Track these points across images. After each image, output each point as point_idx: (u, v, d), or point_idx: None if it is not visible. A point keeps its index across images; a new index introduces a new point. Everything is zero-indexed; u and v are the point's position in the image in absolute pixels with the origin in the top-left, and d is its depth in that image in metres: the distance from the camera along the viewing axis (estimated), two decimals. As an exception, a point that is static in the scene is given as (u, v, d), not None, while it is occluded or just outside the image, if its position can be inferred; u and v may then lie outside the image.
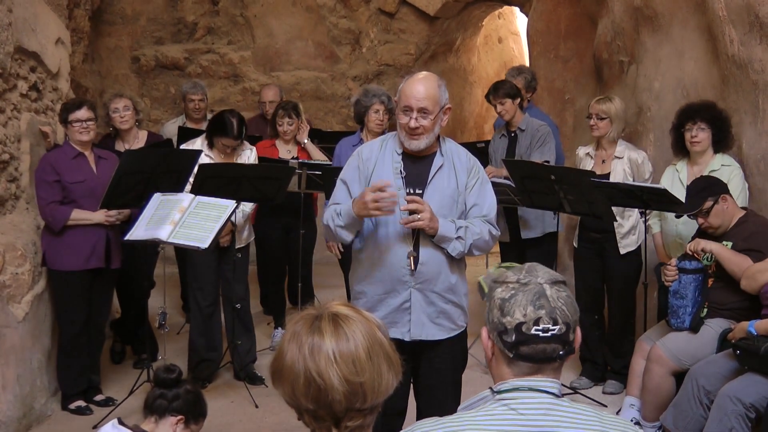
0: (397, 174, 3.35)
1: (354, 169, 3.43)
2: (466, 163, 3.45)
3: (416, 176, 3.36)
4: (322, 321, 1.60)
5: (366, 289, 3.41)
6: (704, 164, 4.62)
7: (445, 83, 3.39)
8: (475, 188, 3.42)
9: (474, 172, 3.44)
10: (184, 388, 3.11)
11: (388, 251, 3.32)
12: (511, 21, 11.24)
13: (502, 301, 1.67)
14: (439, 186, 3.36)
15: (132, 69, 9.01)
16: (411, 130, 3.28)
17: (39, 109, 5.21)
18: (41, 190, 4.74)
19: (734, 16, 4.53)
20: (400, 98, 3.32)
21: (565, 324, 1.65)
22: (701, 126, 4.56)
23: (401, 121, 3.31)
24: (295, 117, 5.85)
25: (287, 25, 8.95)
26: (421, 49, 9.02)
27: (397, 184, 3.32)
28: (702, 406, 3.85)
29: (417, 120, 3.25)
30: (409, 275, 3.31)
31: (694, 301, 4.17)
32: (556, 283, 1.69)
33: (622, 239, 5.00)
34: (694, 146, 4.60)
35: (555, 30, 7.11)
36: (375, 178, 3.33)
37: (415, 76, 3.37)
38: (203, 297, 5.19)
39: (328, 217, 3.39)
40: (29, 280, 4.69)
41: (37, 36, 5.15)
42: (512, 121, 5.52)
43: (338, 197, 3.43)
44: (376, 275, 3.36)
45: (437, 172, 3.37)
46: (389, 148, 3.41)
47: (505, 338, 1.66)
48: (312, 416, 1.60)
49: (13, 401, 4.47)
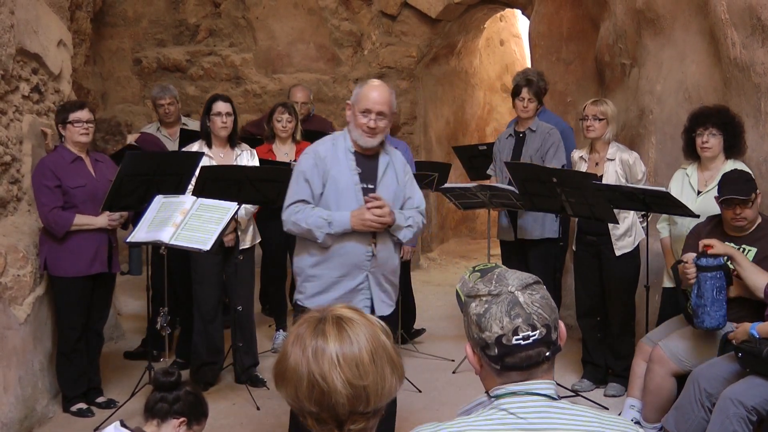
0: (354, 171, 3.76)
1: (313, 166, 3.75)
2: (402, 162, 3.94)
3: (367, 173, 3.79)
4: (325, 324, 1.60)
5: (322, 272, 3.76)
6: (715, 170, 4.52)
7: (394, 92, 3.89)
8: (409, 183, 3.93)
9: (406, 168, 3.95)
10: (184, 390, 3.10)
11: (351, 240, 3.71)
12: (512, 24, 11.25)
13: (478, 317, 1.66)
14: (387, 182, 3.83)
15: (134, 71, 9.02)
16: (370, 130, 3.70)
17: (41, 111, 5.21)
18: (42, 195, 4.68)
19: (736, 19, 4.53)
20: (360, 101, 3.73)
21: (544, 326, 1.63)
22: (712, 132, 4.47)
23: (360, 121, 3.71)
24: (293, 115, 5.87)
25: (289, 28, 8.95)
26: (423, 52, 9.02)
27: (354, 180, 3.74)
28: (704, 409, 3.85)
29: (375, 121, 3.70)
30: (369, 261, 3.73)
31: (712, 300, 3.97)
32: (528, 286, 1.67)
33: (617, 241, 5.00)
34: (705, 152, 4.52)
35: (557, 33, 7.11)
36: (333, 175, 3.72)
37: (372, 82, 3.84)
38: (206, 300, 5.19)
39: (308, 221, 3.69)
40: (31, 282, 4.69)
41: (39, 38, 5.16)
42: (524, 121, 5.54)
43: (301, 193, 3.75)
44: (336, 260, 3.73)
45: (386, 170, 3.83)
46: (341, 147, 3.79)
47: (488, 353, 1.65)
48: (315, 419, 1.59)
49: (15, 403, 4.47)
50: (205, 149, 5.20)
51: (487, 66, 10.79)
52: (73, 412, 4.83)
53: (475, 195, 5.41)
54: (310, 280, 3.79)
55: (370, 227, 3.67)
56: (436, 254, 9.50)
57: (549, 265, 5.41)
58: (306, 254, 3.82)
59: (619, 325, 5.11)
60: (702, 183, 4.59)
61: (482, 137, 10.21)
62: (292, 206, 3.76)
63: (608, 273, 5.06)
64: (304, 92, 6.81)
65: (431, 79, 9.41)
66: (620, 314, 5.09)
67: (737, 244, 4.12)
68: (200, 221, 4.49)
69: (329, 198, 3.72)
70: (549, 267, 5.38)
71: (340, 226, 3.66)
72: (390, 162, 3.85)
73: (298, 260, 3.87)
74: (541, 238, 5.48)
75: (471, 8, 8.84)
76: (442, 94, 9.70)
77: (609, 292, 5.10)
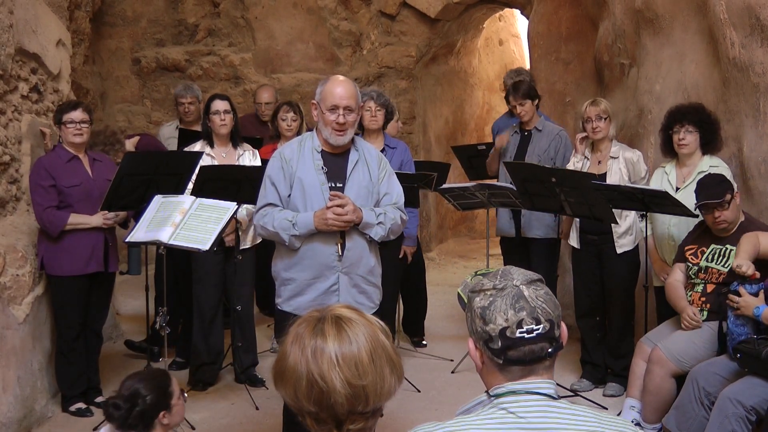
0: (319, 170, 3.71)
1: (278, 169, 3.74)
2: (376, 158, 3.86)
3: (336, 171, 3.74)
4: (325, 324, 1.60)
5: (295, 275, 3.72)
6: (693, 166, 4.64)
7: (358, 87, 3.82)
8: (385, 179, 3.84)
9: (383, 164, 3.86)
10: (140, 400, 2.99)
11: (317, 241, 3.66)
12: (511, 23, 11.25)
13: (482, 310, 1.66)
14: (357, 179, 3.75)
15: (133, 71, 9.02)
16: (339, 126, 3.65)
17: (40, 110, 5.21)
18: (37, 195, 4.69)
19: (735, 19, 4.53)
20: (325, 98, 3.67)
21: (548, 321, 1.65)
22: (689, 129, 4.59)
23: (329, 118, 3.65)
24: (298, 114, 5.87)
25: (288, 27, 8.95)
26: (422, 51, 9.03)
27: (320, 179, 3.70)
28: (703, 407, 3.85)
29: (344, 116, 3.64)
30: (337, 260, 3.67)
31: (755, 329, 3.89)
32: (533, 282, 1.68)
33: (618, 239, 5.01)
34: (681, 149, 4.64)
35: (556, 32, 7.11)
36: (299, 176, 3.70)
37: (336, 78, 3.76)
38: (206, 300, 5.19)
39: (275, 223, 3.66)
40: (30, 281, 4.69)
41: (38, 37, 5.15)
42: (528, 121, 5.56)
43: (269, 197, 3.75)
44: (306, 262, 3.69)
45: (355, 167, 3.76)
46: (308, 147, 3.76)
47: (491, 346, 1.65)
48: (314, 419, 1.59)
49: (14, 403, 4.47)
50: (207, 149, 5.20)
51: (486, 66, 10.79)
52: (72, 411, 4.83)
53: (474, 195, 5.42)
54: (286, 283, 3.77)
55: (334, 227, 3.61)
56: (435, 254, 9.50)
57: (552, 263, 5.44)
58: (280, 258, 3.81)
59: (618, 324, 5.11)
60: (680, 179, 4.68)
61: (481, 137, 10.21)
62: (260, 210, 3.76)
63: (609, 272, 5.07)
64: (269, 92, 6.94)
65: (430, 79, 9.42)
66: (620, 314, 5.10)
67: (722, 245, 4.23)
68: (199, 221, 4.49)
69: (296, 200, 3.71)
70: (552, 266, 5.40)
71: (304, 227, 3.62)
72: (360, 158, 3.79)
73: (274, 264, 3.87)
74: (545, 237, 5.50)
75: (470, 8, 8.84)
76: (441, 94, 9.71)
77: (609, 291, 5.11)
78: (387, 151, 5.49)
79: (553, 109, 6.88)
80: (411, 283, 6.06)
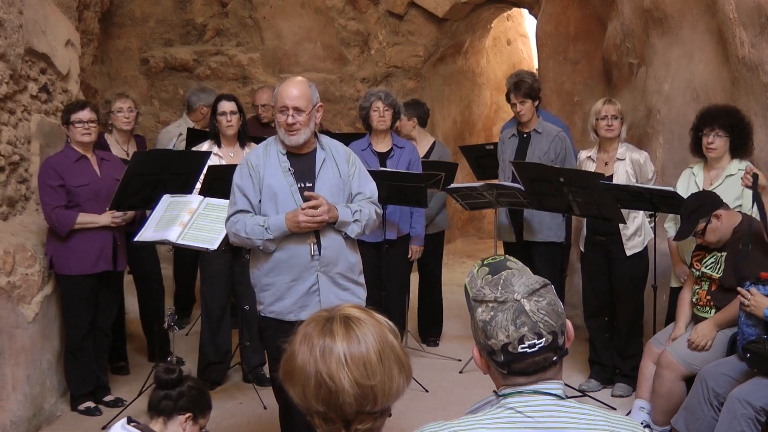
0: (287, 172, 3.71)
1: (246, 176, 3.74)
2: (344, 155, 3.84)
3: (303, 171, 3.74)
4: (333, 323, 1.60)
5: (274, 279, 3.70)
6: (721, 169, 4.56)
7: (315, 85, 3.79)
8: (356, 176, 3.82)
9: (351, 160, 3.84)
10: (186, 386, 3.10)
11: (290, 242, 3.65)
12: (519, 23, 11.22)
13: (484, 324, 1.65)
14: (326, 177, 3.75)
15: (141, 71, 9.04)
16: (289, 126, 3.65)
17: (49, 110, 5.22)
18: (45, 195, 4.71)
19: (745, 18, 4.52)
20: (277, 100, 3.68)
21: (551, 334, 1.62)
22: (719, 133, 4.48)
23: (279, 120, 3.68)
24: None
25: (296, 27, 8.96)
26: (430, 51, 9.02)
27: (288, 181, 3.70)
28: (713, 408, 3.84)
29: (293, 117, 3.63)
30: (315, 261, 3.65)
31: None
32: (534, 292, 1.65)
33: (627, 241, 4.99)
34: (710, 152, 4.54)
35: (564, 32, 7.09)
36: (266, 180, 3.69)
37: (290, 79, 3.77)
38: (213, 300, 5.20)
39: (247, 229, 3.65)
40: (39, 281, 4.71)
41: (47, 38, 5.17)
42: (527, 123, 5.52)
43: (239, 204, 3.74)
44: (283, 265, 3.68)
45: (323, 165, 3.75)
46: (273, 151, 3.76)
47: (495, 358, 1.65)
48: (322, 418, 1.59)
49: (24, 401, 4.49)
50: (214, 149, 5.22)
51: (494, 65, 10.78)
52: (81, 410, 4.85)
53: (482, 194, 5.40)
54: (266, 288, 3.75)
55: (307, 227, 3.60)
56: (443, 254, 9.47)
57: (555, 265, 5.39)
58: (257, 264, 3.79)
59: (627, 325, 5.10)
60: (707, 182, 4.60)
61: (489, 137, 10.19)
62: (231, 217, 3.75)
63: (617, 273, 5.05)
64: (267, 94, 6.79)
65: (438, 79, 9.40)
66: (629, 314, 5.08)
67: (720, 252, 4.25)
68: (207, 221, 4.50)
69: (267, 204, 3.70)
70: (555, 268, 5.35)
71: (277, 230, 3.61)
72: (328, 156, 3.77)
73: (252, 272, 3.86)
74: (547, 241, 5.47)
75: (478, 7, 8.82)
76: (449, 94, 9.69)
77: (618, 292, 5.09)
78: (395, 150, 5.49)
79: (561, 108, 6.86)
80: (426, 282, 6.13)
